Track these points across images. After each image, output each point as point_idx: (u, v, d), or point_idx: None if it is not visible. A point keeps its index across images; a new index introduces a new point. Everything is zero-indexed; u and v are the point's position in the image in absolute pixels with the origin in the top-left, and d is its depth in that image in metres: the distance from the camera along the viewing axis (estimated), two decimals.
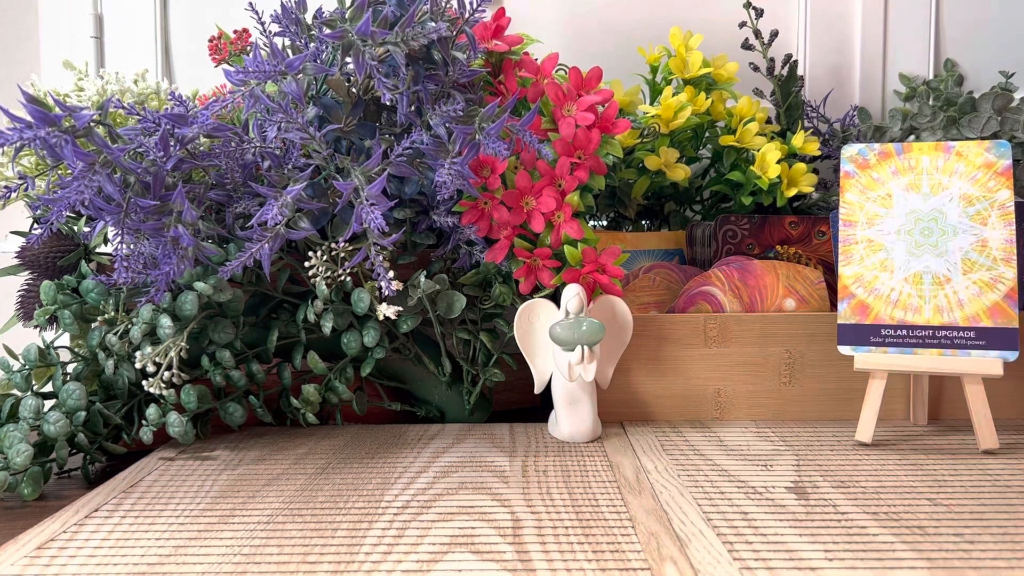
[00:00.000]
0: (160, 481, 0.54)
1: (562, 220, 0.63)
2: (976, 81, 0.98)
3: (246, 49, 0.78)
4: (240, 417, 0.63)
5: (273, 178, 0.56)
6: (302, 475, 0.54)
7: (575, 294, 0.60)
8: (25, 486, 0.53)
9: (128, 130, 0.55)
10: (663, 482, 0.51)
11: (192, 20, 1.00)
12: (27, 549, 0.42)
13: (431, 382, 0.70)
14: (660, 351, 0.68)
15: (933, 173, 0.62)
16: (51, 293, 0.62)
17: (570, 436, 0.62)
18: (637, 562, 0.39)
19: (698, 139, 0.83)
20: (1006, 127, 0.81)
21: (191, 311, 0.59)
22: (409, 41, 0.55)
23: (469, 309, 0.67)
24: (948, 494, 0.49)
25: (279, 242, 0.55)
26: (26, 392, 0.58)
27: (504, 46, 0.65)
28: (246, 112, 0.59)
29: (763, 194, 0.78)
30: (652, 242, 0.83)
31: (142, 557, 0.41)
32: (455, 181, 0.56)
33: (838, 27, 0.99)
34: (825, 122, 0.95)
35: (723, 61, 0.82)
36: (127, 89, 0.70)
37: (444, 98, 0.59)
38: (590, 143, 0.63)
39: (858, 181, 0.64)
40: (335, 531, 0.44)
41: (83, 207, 0.51)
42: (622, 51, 0.94)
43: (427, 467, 0.55)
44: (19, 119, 0.50)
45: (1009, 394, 0.68)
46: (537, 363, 0.64)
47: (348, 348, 0.65)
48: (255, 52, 0.56)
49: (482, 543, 0.42)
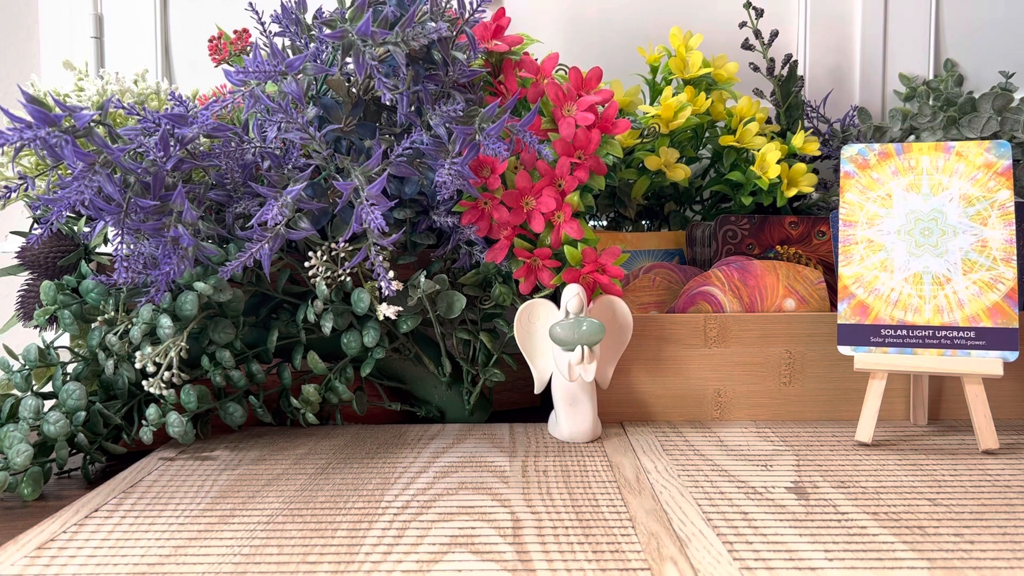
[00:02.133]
0: (160, 481, 0.54)
1: (562, 220, 0.63)
2: (976, 81, 0.98)
3: (246, 49, 0.78)
4: (240, 417, 0.63)
5: (273, 178, 0.56)
6: (302, 475, 0.54)
7: (575, 294, 0.60)
8: (25, 486, 0.53)
9: (128, 130, 0.55)
10: (663, 482, 0.51)
11: (192, 20, 1.00)
12: (27, 549, 0.42)
13: (431, 382, 0.70)
14: (660, 351, 0.68)
15: (933, 173, 0.62)
16: (51, 293, 0.62)
17: (570, 436, 0.62)
18: (637, 562, 0.39)
19: (698, 139, 0.83)
20: (1006, 127, 0.81)
21: (191, 311, 0.59)
22: (409, 41, 0.55)
23: (469, 309, 0.67)
24: (948, 494, 0.49)
25: (279, 242, 0.55)
26: (26, 392, 0.58)
27: (504, 46, 0.65)
28: (246, 112, 0.59)
29: (763, 194, 0.78)
30: (652, 242, 0.83)
31: (142, 557, 0.41)
32: (455, 181, 0.56)
33: (838, 27, 0.99)
34: (825, 122, 0.95)
35: (723, 61, 0.82)
36: (127, 89, 0.70)
37: (444, 98, 0.59)
38: (590, 143, 0.63)
39: (858, 181, 0.64)
40: (335, 531, 0.44)
41: (83, 207, 0.51)
42: (622, 51, 0.94)
43: (427, 467, 0.55)
44: (19, 119, 0.50)
45: (1009, 394, 0.68)
46: (537, 363, 0.64)
47: (348, 348, 0.65)
48: (255, 52, 0.56)
49: (482, 543, 0.42)
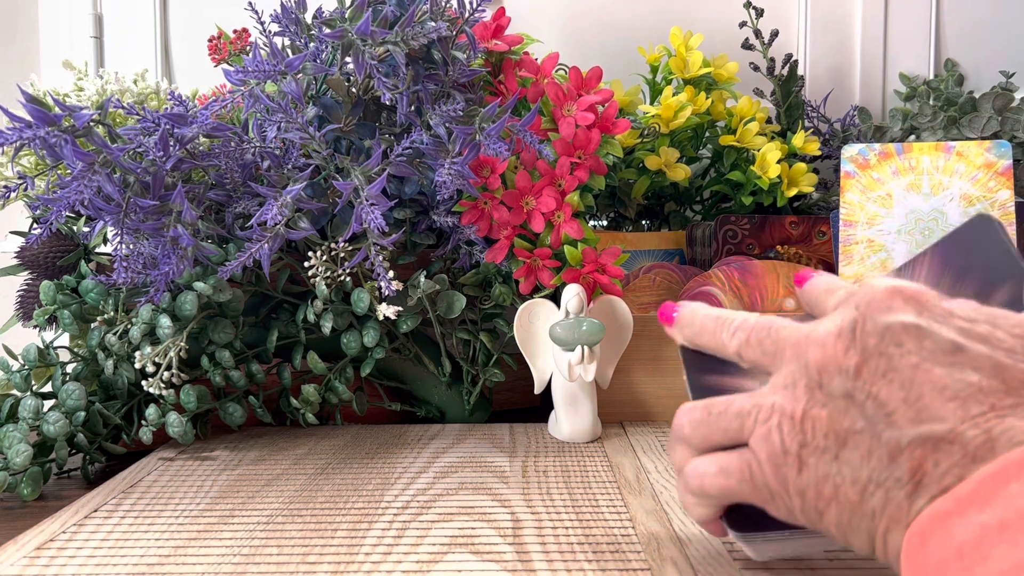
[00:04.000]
0: (160, 481, 0.54)
1: (562, 220, 0.63)
2: (976, 81, 0.98)
3: (246, 49, 0.78)
4: (240, 417, 0.63)
5: (273, 178, 0.56)
6: (302, 475, 0.54)
7: (575, 294, 0.60)
8: (25, 486, 0.53)
9: (128, 130, 0.55)
10: (663, 482, 0.51)
11: (192, 20, 1.00)
12: (27, 549, 0.42)
13: (431, 382, 0.70)
14: (660, 351, 0.68)
15: (933, 173, 0.62)
16: (50, 293, 0.62)
17: (570, 436, 0.62)
18: (637, 563, 0.39)
19: (698, 139, 0.83)
20: (1006, 127, 0.81)
21: (191, 311, 0.59)
22: (409, 41, 0.55)
23: (469, 309, 0.67)
24: None
25: (279, 242, 0.55)
26: (25, 392, 0.58)
27: (504, 46, 0.65)
28: (246, 112, 0.59)
29: (763, 194, 0.78)
30: (652, 242, 0.83)
31: (142, 557, 0.41)
32: (455, 181, 0.56)
33: (838, 27, 0.99)
34: (825, 122, 0.95)
35: (723, 61, 0.82)
36: (127, 89, 0.70)
37: (444, 98, 0.59)
38: (590, 143, 0.63)
39: (858, 181, 0.64)
40: (335, 531, 0.44)
41: (82, 207, 0.51)
42: (622, 51, 0.94)
43: (427, 467, 0.55)
44: (18, 119, 0.50)
45: None
46: (537, 363, 0.64)
47: (348, 348, 0.65)
48: (255, 52, 0.56)
49: (482, 543, 0.42)
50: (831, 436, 0.29)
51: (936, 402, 0.27)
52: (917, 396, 0.28)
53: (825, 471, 0.29)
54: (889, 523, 0.28)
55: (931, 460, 0.27)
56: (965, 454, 0.26)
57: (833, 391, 0.30)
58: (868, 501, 0.28)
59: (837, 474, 0.29)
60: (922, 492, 0.27)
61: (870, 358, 0.29)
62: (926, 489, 0.27)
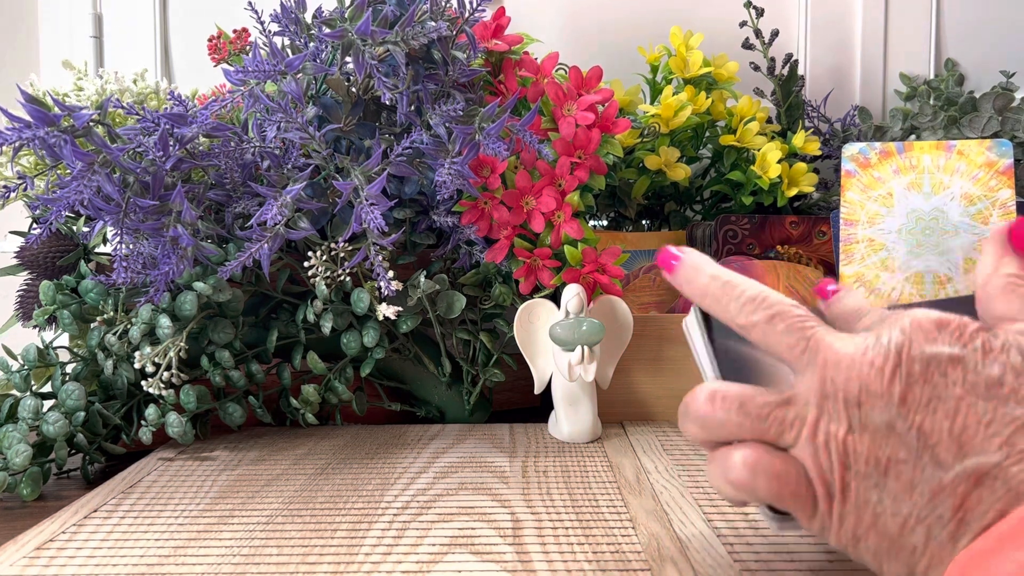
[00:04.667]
0: (159, 481, 0.54)
1: (562, 220, 0.63)
2: (977, 81, 0.98)
3: (245, 49, 0.78)
4: (240, 417, 0.63)
5: (272, 178, 0.56)
6: (302, 475, 0.54)
7: (575, 294, 0.60)
8: (24, 486, 0.53)
9: (127, 130, 0.55)
10: (663, 482, 0.51)
11: (192, 20, 1.00)
12: (26, 549, 0.42)
13: (431, 382, 0.70)
14: (660, 351, 0.68)
15: (934, 172, 0.62)
16: (50, 293, 0.62)
17: (570, 436, 0.62)
18: (637, 563, 0.39)
19: (698, 139, 0.83)
20: (1007, 127, 0.81)
21: (190, 311, 0.59)
22: (409, 40, 0.55)
23: (469, 309, 0.67)
24: None
25: (278, 242, 0.55)
26: (25, 392, 0.58)
27: (504, 46, 0.65)
28: (245, 112, 0.59)
29: (764, 194, 0.78)
30: (652, 242, 0.83)
31: (141, 558, 0.41)
32: (455, 181, 0.56)
33: (838, 27, 0.99)
34: (826, 122, 0.95)
35: (723, 60, 0.82)
36: (126, 89, 0.70)
37: (444, 98, 0.59)
38: (590, 143, 0.63)
39: (859, 180, 0.64)
40: (335, 532, 0.44)
41: (82, 207, 0.51)
42: (622, 51, 0.94)
43: (427, 467, 0.55)
44: (18, 119, 0.50)
45: None
46: (537, 363, 0.64)
47: (348, 348, 0.65)
48: (255, 52, 0.56)
49: (482, 543, 0.42)
50: (871, 462, 0.29)
51: (980, 436, 0.27)
52: (961, 428, 0.28)
53: (866, 498, 0.29)
54: (931, 561, 0.28)
55: (974, 496, 0.27)
56: (1008, 490, 0.26)
57: (874, 416, 0.29)
58: (909, 537, 0.28)
59: (878, 503, 0.29)
60: (965, 531, 0.27)
61: (914, 385, 0.29)
62: (968, 528, 0.27)
